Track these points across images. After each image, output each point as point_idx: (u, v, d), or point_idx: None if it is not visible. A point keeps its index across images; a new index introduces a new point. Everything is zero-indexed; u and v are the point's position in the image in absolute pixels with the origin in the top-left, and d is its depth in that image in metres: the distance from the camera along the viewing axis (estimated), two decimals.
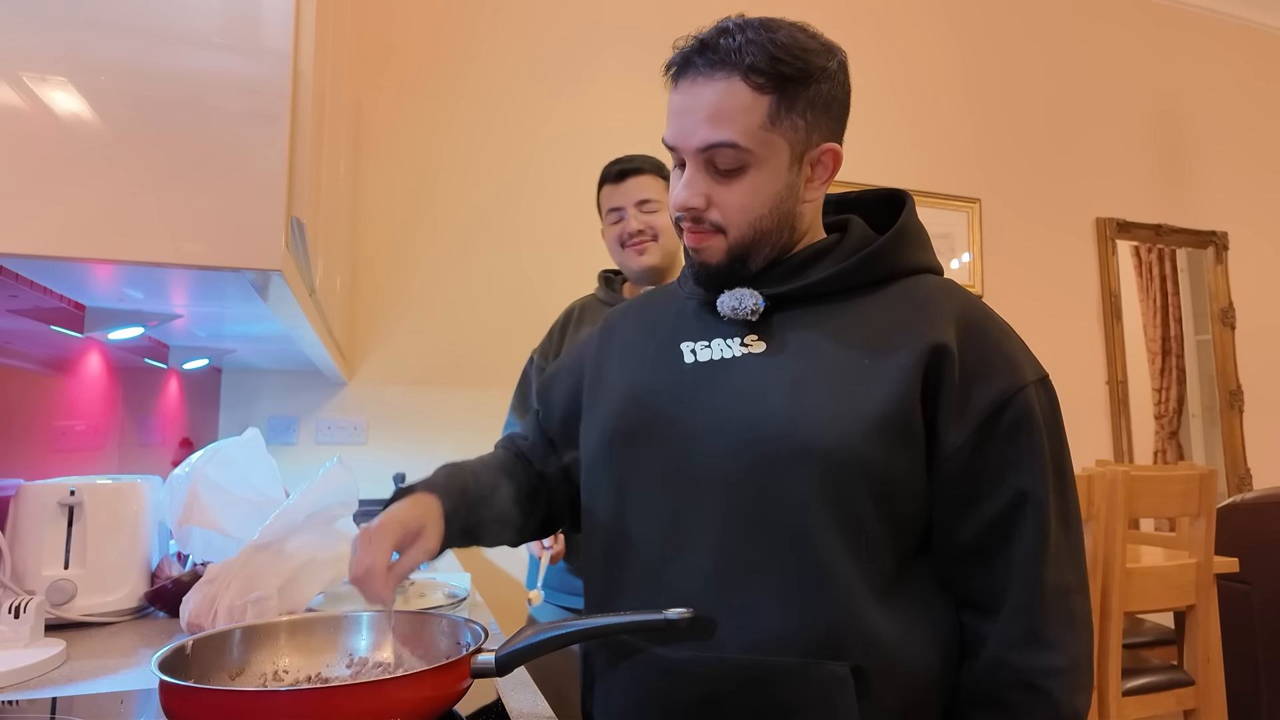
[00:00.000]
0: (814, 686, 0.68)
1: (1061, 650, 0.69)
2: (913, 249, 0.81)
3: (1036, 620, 0.70)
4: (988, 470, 0.71)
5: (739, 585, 0.72)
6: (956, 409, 0.71)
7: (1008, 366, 0.73)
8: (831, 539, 0.70)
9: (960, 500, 0.72)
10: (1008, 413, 0.71)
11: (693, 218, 0.78)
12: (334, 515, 1.08)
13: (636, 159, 1.54)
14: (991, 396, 0.71)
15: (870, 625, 0.69)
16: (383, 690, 0.63)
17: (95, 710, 0.75)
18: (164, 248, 0.76)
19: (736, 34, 0.74)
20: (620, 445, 0.81)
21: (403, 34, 2.56)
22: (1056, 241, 3.36)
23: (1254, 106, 3.86)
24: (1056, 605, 0.70)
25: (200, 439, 2.16)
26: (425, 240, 2.52)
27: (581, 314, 1.60)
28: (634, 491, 0.79)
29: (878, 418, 0.70)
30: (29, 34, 0.74)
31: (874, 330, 0.75)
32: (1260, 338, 3.68)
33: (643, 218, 1.50)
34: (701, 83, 0.75)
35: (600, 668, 0.81)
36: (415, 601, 1.16)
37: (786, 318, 0.79)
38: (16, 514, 1.06)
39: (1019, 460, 0.71)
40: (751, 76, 0.73)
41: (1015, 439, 0.71)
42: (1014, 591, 0.70)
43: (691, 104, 0.75)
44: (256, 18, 0.81)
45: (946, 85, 3.24)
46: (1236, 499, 2.46)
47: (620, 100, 2.75)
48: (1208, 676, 1.91)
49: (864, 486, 0.70)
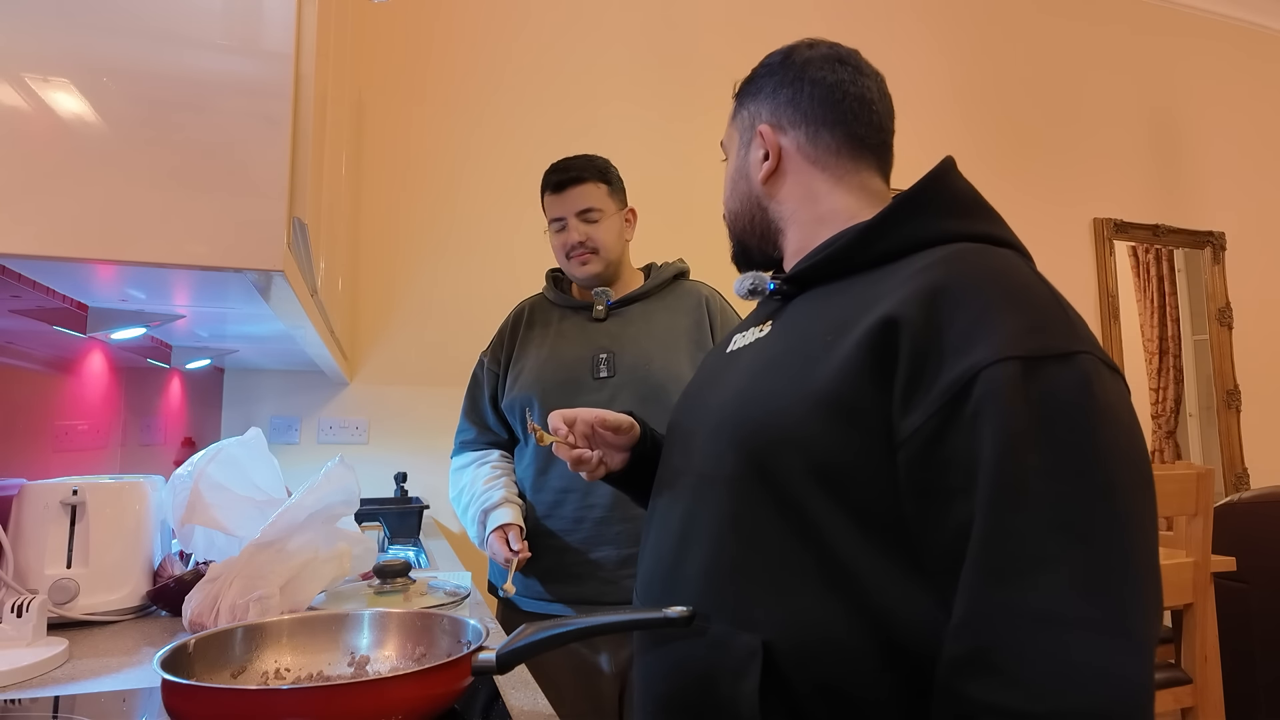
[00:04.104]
0: (731, 654, 0.67)
1: (1013, 686, 0.53)
2: (941, 217, 0.72)
3: (985, 643, 0.54)
4: (952, 462, 0.59)
5: (680, 562, 0.76)
6: (912, 390, 0.61)
7: (985, 339, 0.59)
8: (762, 514, 0.68)
9: (925, 496, 0.60)
10: (973, 393, 0.58)
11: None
12: (336, 514, 1.08)
13: (576, 165, 1.49)
14: (953, 375, 0.59)
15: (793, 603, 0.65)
16: (384, 688, 0.64)
17: (98, 709, 0.75)
18: (166, 248, 0.76)
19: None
20: (669, 430, 0.90)
21: (404, 36, 2.56)
22: (1054, 241, 3.36)
23: (1251, 107, 3.87)
24: (1029, 634, 0.53)
25: (202, 438, 2.17)
26: (426, 240, 2.52)
27: (531, 313, 1.57)
28: (662, 472, 0.87)
29: (816, 395, 0.66)
30: (32, 36, 0.74)
31: (846, 309, 0.70)
32: (1257, 337, 3.69)
33: (584, 228, 1.47)
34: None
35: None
36: (416, 600, 1.16)
37: (797, 302, 0.80)
38: (19, 513, 1.06)
39: (981, 454, 0.57)
40: (736, 90, 0.89)
41: (983, 424, 0.57)
42: (961, 608, 0.56)
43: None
44: (258, 20, 0.82)
45: (943, 86, 3.25)
46: (1234, 498, 2.46)
47: (620, 100, 2.76)
48: (1205, 675, 1.91)
49: (798, 465, 0.66)
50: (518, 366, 1.51)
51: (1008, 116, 3.34)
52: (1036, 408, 0.57)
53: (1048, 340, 0.60)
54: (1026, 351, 0.59)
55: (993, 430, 0.57)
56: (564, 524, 1.39)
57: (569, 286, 1.60)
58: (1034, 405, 0.57)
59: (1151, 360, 3.80)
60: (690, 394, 0.89)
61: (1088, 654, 0.52)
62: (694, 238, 2.37)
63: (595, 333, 1.48)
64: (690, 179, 2.78)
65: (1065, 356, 0.59)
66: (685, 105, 2.84)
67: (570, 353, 1.47)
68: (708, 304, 1.52)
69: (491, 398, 1.55)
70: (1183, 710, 1.92)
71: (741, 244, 0.88)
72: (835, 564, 0.63)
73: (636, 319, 1.49)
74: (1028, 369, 0.58)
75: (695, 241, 2.17)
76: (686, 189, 2.77)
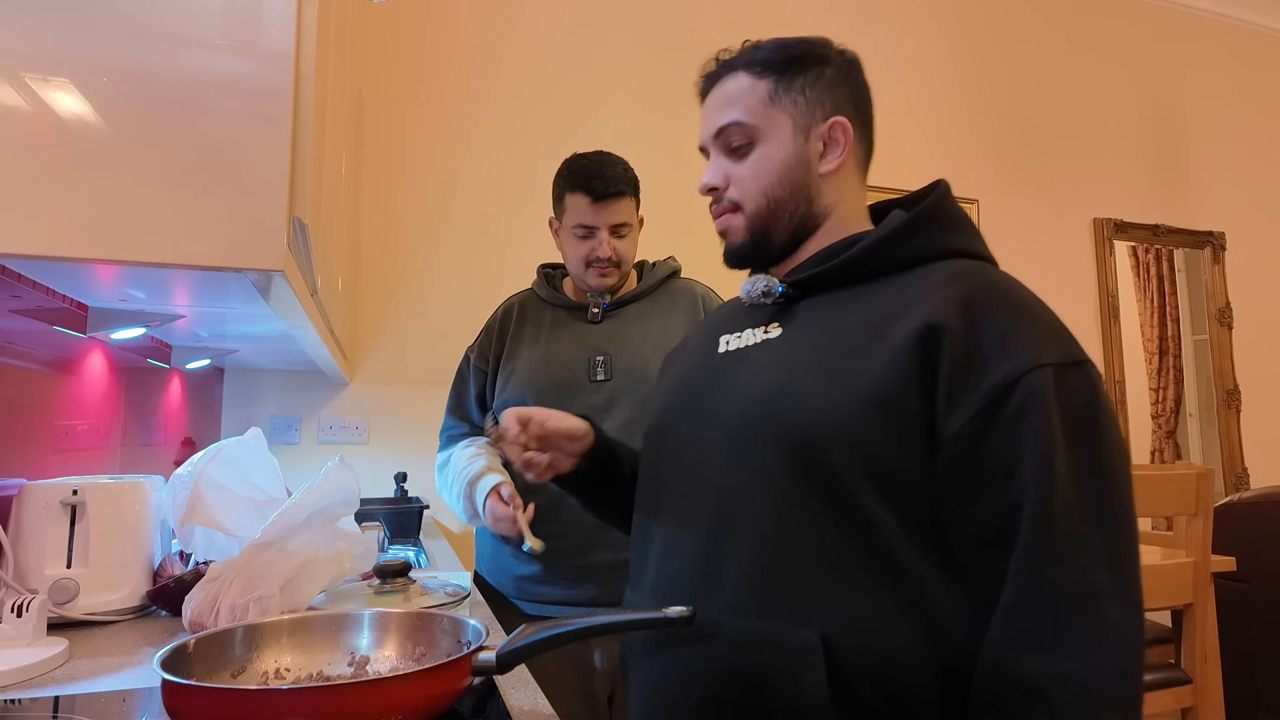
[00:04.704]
0: (784, 652, 0.68)
1: (1071, 655, 0.61)
2: (940, 233, 0.80)
3: (1039, 619, 0.62)
4: (993, 458, 0.66)
5: (719, 561, 0.75)
6: (955, 392, 0.67)
7: (1020, 347, 0.67)
8: (809, 512, 0.70)
9: (965, 490, 0.67)
10: (1015, 396, 0.65)
11: (715, 198, 0.86)
12: (336, 514, 1.08)
13: (617, 177, 1.43)
14: (995, 380, 0.66)
15: (845, 598, 0.68)
16: (384, 688, 0.64)
17: (98, 709, 0.75)
18: (166, 248, 0.76)
19: (744, 50, 0.85)
20: (654, 434, 0.90)
21: (404, 35, 2.56)
22: (1054, 242, 3.36)
23: (1251, 107, 3.87)
24: (1075, 606, 0.62)
25: (202, 438, 2.17)
26: (426, 240, 2.52)
27: (521, 310, 1.52)
28: (659, 477, 0.87)
29: (863, 394, 0.70)
30: (32, 36, 0.74)
31: (877, 313, 0.74)
32: (1257, 337, 3.69)
33: (615, 244, 1.43)
34: (716, 88, 0.86)
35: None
36: (416, 600, 1.16)
37: (806, 305, 0.82)
38: (19, 513, 1.06)
39: (1023, 451, 0.65)
40: (752, 67, 0.83)
41: (1024, 425, 0.65)
42: (1011, 589, 0.64)
43: (709, 104, 0.86)
44: (258, 20, 0.82)
45: (944, 86, 3.25)
46: (1234, 498, 2.46)
47: (620, 100, 2.76)
48: (1205, 675, 1.91)
49: (848, 461, 0.69)
50: (509, 367, 1.48)
51: (1008, 116, 3.34)
52: (1068, 409, 0.66)
53: (1066, 348, 0.69)
54: (1056, 358, 0.67)
55: (1034, 429, 0.65)
56: (560, 527, 1.38)
57: (561, 283, 1.57)
58: (1065, 407, 0.66)
59: (1151, 360, 3.80)
60: (687, 394, 0.87)
61: (1119, 621, 0.63)
62: (688, 236, 2.37)
63: (590, 334, 1.46)
64: (687, 178, 2.77)
65: (1080, 363, 0.69)
66: (682, 104, 2.83)
67: (565, 354, 1.44)
68: (704, 303, 1.50)
69: (478, 396, 1.52)
70: (1183, 710, 1.92)
71: (766, 235, 0.83)
72: (885, 559, 0.68)
73: (632, 320, 1.47)
74: (1058, 374, 0.67)
75: (689, 240, 2.17)
76: (684, 188, 2.77)
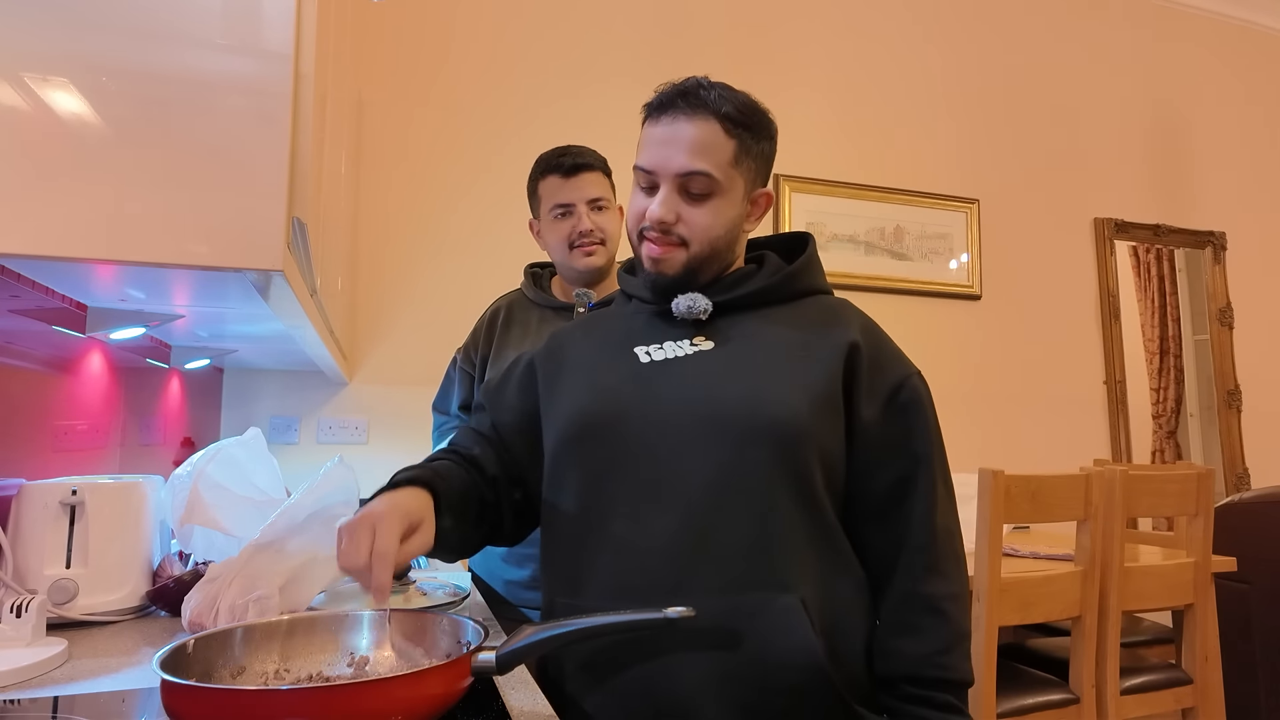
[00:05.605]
0: (775, 615, 0.81)
1: (953, 579, 0.88)
2: (816, 275, 1.01)
3: (933, 556, 0.87)
4: (892, 440, 0.90)
5: (703, 546, 0.83)
6: (868, 392, 0.90)
7: (898, 361, 0.94)
8: (788, 500, 0.85)
9: (873, 464, 0.90)
10: (902, 394, 0.91)
11: (662, 230, 0.92)
12: (335, 515, 1.08)
13: (586, 153, 1.44)
14: (891, 382, 0.91)
15: (812, 568, 0.85)
16: (384, 689, 0.64)
17: (97, 709, 0.75)
18: (165, 248, 0.76)
19: (710, 89, 0.92)
20: (587, 440, 0.91)
21: (404, 35, 2.56)
22: (1055, 242, 3.36)
23: (1252, 107, 3.87)
24: (946, 544, 0.89)
25: (202, 438, 2.17)
26: (426, 240, 2.52)
27: (509, 312, 1.51)
28: (604, 480, 0.88)
29: (815, 396, 0.87)
30: (31, 35, 0.74)
31: (799, 331, 0.93)
32: (1258, 337, 3.69)
33: (594, 217, 1.42)
34: (683, 121, 0.91)
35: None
36: (416, 600, 1.16)
37: (727, 321, 0.95)
38: (18, 513, 1.06)
39: (913, 431, 0.90)
40: (725, 122, 0.90)
41: (909, 415, 0.91)
42: (915, 534, 0.88)
43: (673, 137, 0.91)
44: (258, 19, 0.82)
45: (944, 86, 3.25)
46: (1234, 498, 2.46)
47: (619, 101, 2.76)
48: (1206, 675, 1.91)
49: (812, 453, 0.86)
50: (495, 369, 1.46)
51: (1009, 116, 3.34)
52: (930, 404, 0.93)
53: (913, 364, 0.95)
54: (916, 370, 0.94)
55: (918, 418, 0.91)
56: None
57: (548, 284, 1.56)
58: (928, 402, 0.93)
59: (1152, 360, 3.80)
60: (621, 401, 0.90)
61: (962, 549, 0.91)
62: None
63: None
64: None
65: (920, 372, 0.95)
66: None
67: None
68: None
69: (463, 403, 1.51)
70: (1183, 711, 1.92)
71: (695, 274, 0.94)
72: (829, 528, 0.88)
73: None
74: (919, 378, 0.94)
75: None
76: None
